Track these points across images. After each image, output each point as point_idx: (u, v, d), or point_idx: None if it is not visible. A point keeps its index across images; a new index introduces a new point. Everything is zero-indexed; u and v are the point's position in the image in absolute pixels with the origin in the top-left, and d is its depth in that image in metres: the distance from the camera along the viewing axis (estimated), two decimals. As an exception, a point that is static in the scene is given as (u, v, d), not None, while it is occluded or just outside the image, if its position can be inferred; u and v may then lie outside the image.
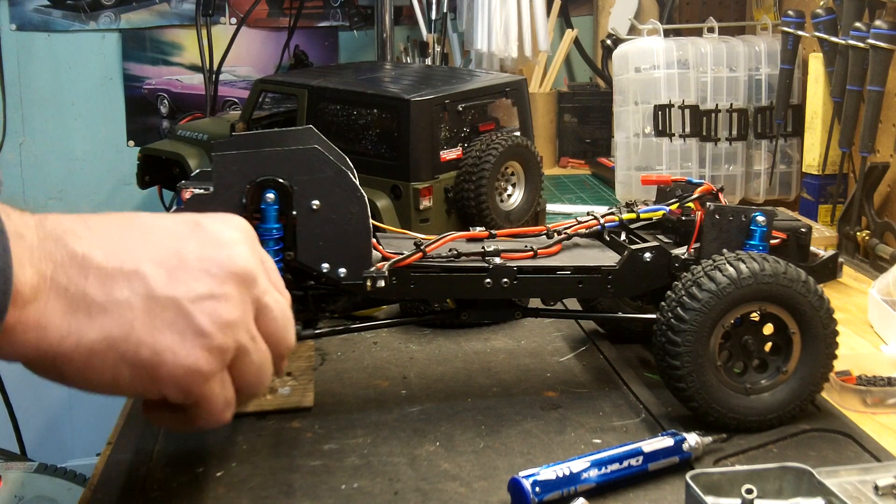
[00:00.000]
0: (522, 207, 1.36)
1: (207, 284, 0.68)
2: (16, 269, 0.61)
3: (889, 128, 1.51)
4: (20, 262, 0.61)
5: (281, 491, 0.83)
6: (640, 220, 1.02)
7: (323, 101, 1.34)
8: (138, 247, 0.67)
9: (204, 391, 0.69)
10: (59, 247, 0.64)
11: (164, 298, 0.66)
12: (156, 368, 0.66)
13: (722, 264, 0.88)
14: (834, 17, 1.54)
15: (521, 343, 1.14)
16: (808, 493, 0.76)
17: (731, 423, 0.90)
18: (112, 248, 0.66)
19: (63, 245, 0.64)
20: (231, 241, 0.70)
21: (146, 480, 0.85)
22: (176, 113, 2.34)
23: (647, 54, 1.72)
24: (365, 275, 0.87)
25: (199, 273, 0.68)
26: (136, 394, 0.68)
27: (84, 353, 0.65)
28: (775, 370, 0.91)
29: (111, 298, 0.65)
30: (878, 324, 1.21)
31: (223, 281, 0.68)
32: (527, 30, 2.01)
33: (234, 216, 0.73)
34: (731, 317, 0.89)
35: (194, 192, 0.83)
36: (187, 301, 0.67)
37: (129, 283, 0.66)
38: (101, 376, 0.66)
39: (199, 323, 0.67)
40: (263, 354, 0.72)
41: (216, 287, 0.68)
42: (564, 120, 2.20)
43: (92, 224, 0.67)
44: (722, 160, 1.75)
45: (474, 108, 1.34)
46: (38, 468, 1.80)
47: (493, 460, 0.87)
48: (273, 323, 0.72)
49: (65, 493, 1.81)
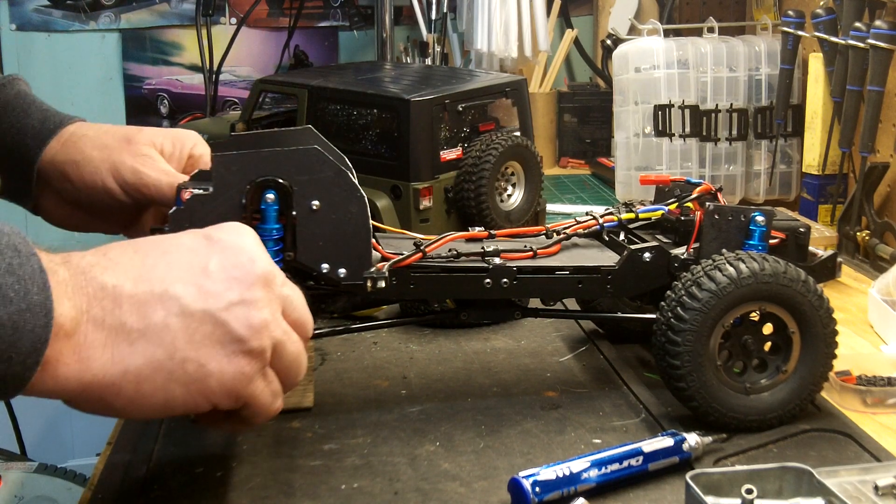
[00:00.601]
0: (522, 207, 1.36)
1: (237, 292, 0.70)
2: (55, 304, 0.63)
3: (889, 128, 1.51)
4: (58, 297, 0.63)
5: (281, 491, 0.83)
6: (638, 220, 1.02)
7: (323, 101, 1.34)
8: (162, 269, 0.69)
9: (252, 391, 0.72)
10: (88, 280, 0.66)
11: (199, 313, 0.69)
12: (204, 381, 0.69)
13: (722, 264, 0.88)
14: (834, 17, 1.54)
15: (521, 343, 1.14)
16: (808, 493, 0.76)
17: (730, 423, 0.90)
18: (138, 275, 0.68)
19: (92, 279, 0.66)
20: (246, 247, 0.73)
21: (146, 480, 0.85)
22: (176, 113, 2.33)
23: (647, 54, 1.72)
24: (365, 275, 0.87)
25: (227, 282, 0.70)
26: (189, 411, 0.71)
27: (132, 381, 0.67)
28: (775, 370, 0.92)
29: (149, 323, 0.67)
30: (878, 324, 1.21)
31: (251, 285, 0.71)
32: (527, 30, 2.01)
33: (237, 224, 0.76)
34: (730, 316, 0.89)
35: (194, 193, 0.83)
36: (220, 311, 0.69)
37: (163, 306, 0.68)
38: (153, 400, 0.68)
39: (235, 330, 0.69)
40: (297, 343, 0.75)
41: (245, 293, 0.70)
42: (564, 120, 2.20)
43: (112, 255, 0.69)
44: (722, 160, 1.75)
45: (474, 108, 1.34)
46: (38, 468, 1.81)
47: (493, 460, 0.87)
48: (297, 311, 0.75)
49: (65, 493, 1.81)
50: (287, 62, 2.33)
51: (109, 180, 0.98)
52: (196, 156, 1.03)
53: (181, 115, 2.28)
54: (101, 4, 2.27)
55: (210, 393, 0.70)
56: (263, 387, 0.73)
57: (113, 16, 2.29)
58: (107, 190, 0.99)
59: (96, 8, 2.27)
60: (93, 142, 1.00)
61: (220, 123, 1.61)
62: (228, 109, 2.32)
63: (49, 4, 2.25)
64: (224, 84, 2.33)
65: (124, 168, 0.98)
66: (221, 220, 0.81)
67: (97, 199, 1.00)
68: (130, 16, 2.30)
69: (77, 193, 1.00)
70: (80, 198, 1.00)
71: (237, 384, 0.70)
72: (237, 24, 2.30)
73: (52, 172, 1.00)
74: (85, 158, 0.99)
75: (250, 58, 2.36)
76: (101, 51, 2.30)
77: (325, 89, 1.35)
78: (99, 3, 2.27)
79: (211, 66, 2.24)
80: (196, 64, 2.29)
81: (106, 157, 0.99)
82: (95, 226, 1.05)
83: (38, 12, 2.25)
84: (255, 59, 2.36)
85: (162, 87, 2.34)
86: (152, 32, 2.32)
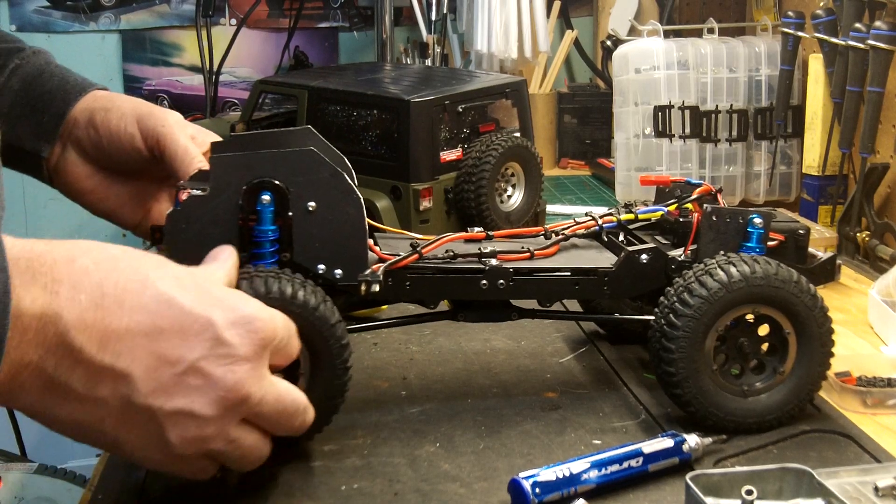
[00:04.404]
0: (522, 208, 1.36)
1: (191, 402, 0.67)
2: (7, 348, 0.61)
3: (889, 129, 1.51)
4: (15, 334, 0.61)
5: (281, 491, 0.83)
6: (638, 220, 1.02)
7: (323, 101, 1.34)
8: (140, 345, 0.66)
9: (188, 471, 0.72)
10: (57, 336, 0.63)
11: (142, 407, 0.66)
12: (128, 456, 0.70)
13: (713, 268, 0.88)
14: (834, 17, 1.54)
15: (521, 344, 1.14)
16: (808, 494, 0.76)
17: (729, 426, 0.90)
18: (111, 342, 0.65)
19: (63, 335, 0.63)
20: (239, 357, 0.69)
21: (146, 481, 0.85)
22: (176, 114, 2.33)
23: (647, 55, 1.72)
24: (360, 278, 0.87)
25: (190, 389, 0.67)
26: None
27: (57, 427, 0.67)
28: (772, 371, 0.91)
29: (90, 394, 0.65)
30: (878, 325, 1.21)
31: (210, 403, 0.68)
32: (527, 31, 2.01)
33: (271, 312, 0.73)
34: (724, 320, 0.89)
35: (191, 193, 0.83)
36: (163, 415, 0.67)
37: (113, 384, 0.66)
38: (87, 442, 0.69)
39: (167, 436, 0.68)
40: (245, 449, 0.72)
41: (200, 407, 0.68)
42: (564, 121, 2.20)
43: (107, 303, 0.65)
44: (722, 161, 1.75)
45: (474, 109, 1.34)
46: (38, 469, 1.80)
47: (493, 461, 0.87)
48: (267, 421, 0.73)
49: (65, 493, 1.81)
50: (287, 63, 2.33)
51: (133, 126, 1.01)
52: (197, 138, 1.05)
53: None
54: (101, 5, 2.27)
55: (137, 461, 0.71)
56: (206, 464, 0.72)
57: (113, 17, 2.29)
58: (128, 134, 1.01)
59: (96, 9, 2.27)
60: (123, 98, 1.05)
61: (220, 124, 1.61)
62: (228, 110, 2.32)
63: (49, 5, 2.25)
64: (224, 85, 2.33)
65: (149, 118, 1.01)
66: (218, 221, 0.82)
67: (117, 147, 1.02)
68: (130, 17, 2.30)
69: (98, 139, 1.02)
70: (101, 145, 1.02)
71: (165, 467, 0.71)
72: (237, 24, 2.30)
73: (80, 120, 1.03)
74: (115, 107, 1.03)
75: (250, 59, 2.36)
76: (101, 52, 2.30)
77: (325, 90, 1.35)
78: (99, 4, 2.27)
79: (211, 67, 2.24)
80: (196, 65, 2.29)
81: (134, 108, 1.02)
82: (108, 200, 1.06)
83: (37, 13, 2.25)
84: (255, 59, 2.36)
85: (162, 87, 2.34)
86: (152, 33, 2.32)
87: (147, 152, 1.02)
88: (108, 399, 0.66)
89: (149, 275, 0.68)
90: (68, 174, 1.05)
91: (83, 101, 1.03)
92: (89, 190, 1.06)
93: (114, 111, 1.02)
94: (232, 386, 0.68)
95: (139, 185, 1.07)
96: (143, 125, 1.01)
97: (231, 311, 0.70)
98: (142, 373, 0.66)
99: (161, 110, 1.03)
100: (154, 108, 1.03)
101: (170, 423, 0.67)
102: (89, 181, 1.05)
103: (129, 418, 0.67)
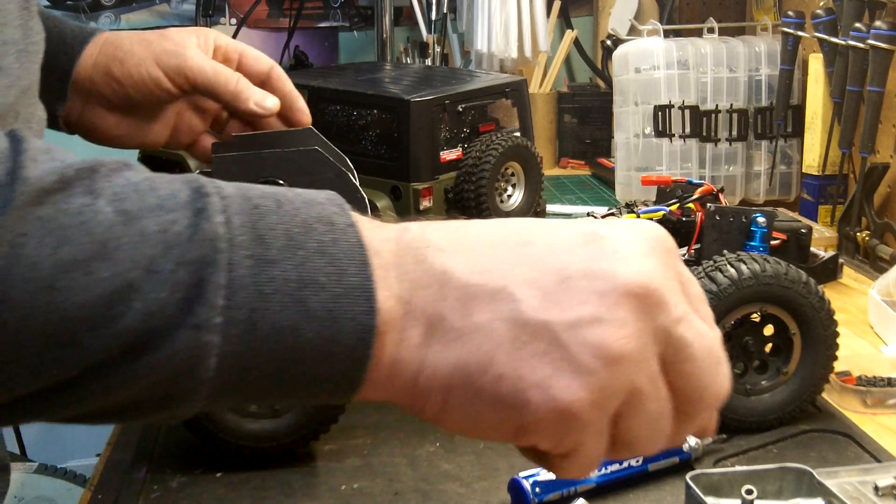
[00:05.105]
0: (522, 208, 1.36)
1: (593, 307, 0.51)
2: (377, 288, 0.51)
3: (889, 128, 1.51)
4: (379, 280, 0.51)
5: (281, 491, 0.83)
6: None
7: (323, 101, 1.34)
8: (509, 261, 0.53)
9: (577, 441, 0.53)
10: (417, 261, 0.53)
11: (535, 324, 0.51)
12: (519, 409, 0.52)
13: (723, 265, 0.88)
14: (834, 17, 1.54)
15: (521, 344, 1.14)
16: (808, 493, 0.76)
17: (731, 425, 0.90)
18: (476, 262, 0.53)
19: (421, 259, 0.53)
20: (630, 252, 0.53)
21: (146, 480, 0.85)
22: (176, 113, 2.33)
23: (647, 55, 1.72)
24: None
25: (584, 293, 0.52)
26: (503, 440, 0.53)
27: (439, 390, 0.52)
28: (775, 371, 0.91)
29: (469, 322, 0.51)
30: (878, 324, 1.21)
31: (614, 302, 0.51)
32: (527, 30, 2.01)
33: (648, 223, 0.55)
34: (731, 318, 0.89)
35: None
36: (564, 327, 0.51)
37: (492, 305, 0.52)
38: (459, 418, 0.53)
39: (578, 355, 0.50)
40: (662, 404, 0.53)
41: (604, 310, 0.51)
42: (564, 120, 2.20)
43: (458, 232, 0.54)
44: (722, 161, 1.75)
45: (474, 109, 1.34)
46: (38, 468, 1.81)
47: (493, 461, 0.87)
48: (688, 363, 0.53)
49: (65, 493, 1.81)
50: (287, 63, 2.33)
51: (155, 69, 0.98)
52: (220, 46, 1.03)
53: (181, 115, 2.27)
54: (101, 5, 2.27)
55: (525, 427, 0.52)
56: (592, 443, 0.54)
57: (113, 16, 2.29)
58: (153, 79, 0.99)
59: (96, 8, 2.27)
60: (130, 39, 1.01)
61: (220, 124, 1.61)
62: (228, 110, 2.32)
63: (49, 5, 2.25)
64: (224, 84, 2.33)
65: (167, 55, 0.98)
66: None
67: (145, 93, 1.00)
68: (130, 16, 2.30)
69: (124, 91, 1.00)
70: (127, 96, 1.00)
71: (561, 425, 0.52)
72: (237, 24, 2.30)
73: (97, 76, 1.00)
74: (127, 53, 1.00)
75: (250, 58, 2.36)
76: (101, 51, 2.30)
77: (324, 90, 1.35)
78: (99, 4, 2.27)
79: (211, 66, 2.24)
80: (196, 64, 2.29)
81: (147, 49, 0.99)
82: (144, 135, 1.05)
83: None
84: (255, 59, 2.36)
85: (162, 87, 2.34)
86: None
87: (176, 89, 1.00)
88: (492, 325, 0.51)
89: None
90: (97, 127, 1.03)
91: (88, 56, 1.00)
92: (125, 135, 1.04)
93: (129, 59, 0.99)
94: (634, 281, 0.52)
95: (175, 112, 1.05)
96: (164, 65, 0.99)
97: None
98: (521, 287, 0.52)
99: (174, 42, 1.00)
100: (166, 42, 0.99)
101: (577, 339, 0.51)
102: (120, 127, 1.03)
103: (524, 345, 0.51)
